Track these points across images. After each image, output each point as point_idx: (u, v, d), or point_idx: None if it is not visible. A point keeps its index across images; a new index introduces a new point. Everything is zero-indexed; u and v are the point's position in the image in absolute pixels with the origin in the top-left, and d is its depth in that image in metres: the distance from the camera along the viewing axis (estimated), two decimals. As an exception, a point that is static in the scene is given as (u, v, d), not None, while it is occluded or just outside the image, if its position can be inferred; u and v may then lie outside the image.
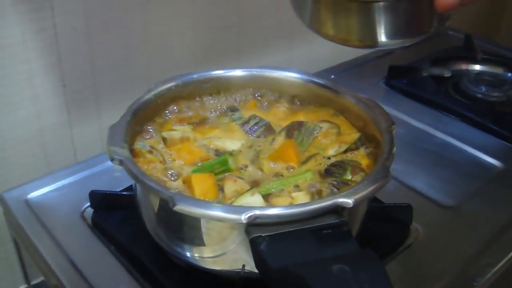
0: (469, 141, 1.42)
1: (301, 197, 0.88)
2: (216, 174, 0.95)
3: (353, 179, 0.95)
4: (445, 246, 1.09)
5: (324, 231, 0.79)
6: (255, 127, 1.09)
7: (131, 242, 1.04)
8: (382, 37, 0.78)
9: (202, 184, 0.90)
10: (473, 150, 1.39)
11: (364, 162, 1.00)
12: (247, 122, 1.11)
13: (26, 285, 1.31)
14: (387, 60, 1.79)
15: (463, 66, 1.80)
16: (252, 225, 0.78)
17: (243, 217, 0.76)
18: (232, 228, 0.82)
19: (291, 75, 1.16)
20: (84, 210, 1.14)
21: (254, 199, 0.87)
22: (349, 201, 0.79)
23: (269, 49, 1.72)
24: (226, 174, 0.95)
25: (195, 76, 1.13)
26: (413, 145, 1.42)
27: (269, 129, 1.09)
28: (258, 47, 1.68)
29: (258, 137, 1.08)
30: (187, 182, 0.92)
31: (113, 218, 1.11)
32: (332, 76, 1.71)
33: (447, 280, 1.01)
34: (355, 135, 1.05)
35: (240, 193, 0.89)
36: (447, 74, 1.70)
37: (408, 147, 1.40)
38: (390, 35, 0.78)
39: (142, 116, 1.03)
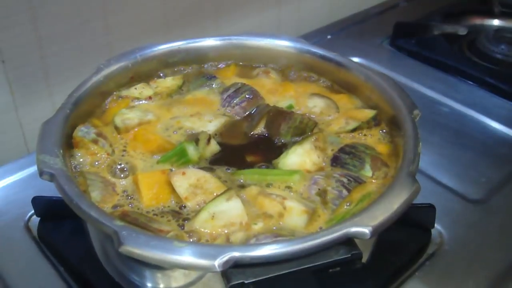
0: (492, 113, 1.22)
1: (297, 210, 0.67)
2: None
3: (374, 176, 0.73)
4: (474, 254, 0.89)
5: (330, 270, 0.58)
6: (235, 97, 0.87)
7: (85, 263, 0.83)
8: None
9: (151, 186, 0.70)
10: (498, 124, 1.19)
11: (381, 148, 0.79)
12: (226, 90, 0.89)
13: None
14: (391, 16, 1.57)
15: (479, 22, 1.57)
16: (232, 267, 0.55)
17: (217, 263, 0.54)
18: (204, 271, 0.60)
19: (281, 44, 0.93)
20: (29, 218, 0.94)
21: (232, 205, 0.66)
22: (365, 230, 0.58)
23: (255, 5, 1.46)
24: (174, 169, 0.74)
25: (158, 48, 0.90)
26: (426, 120, 1.18)
27: (254, 98, 0.87)
28: (240, 4, 1.43)
29: (238, 105, 0.86)
30: (135, 182, 0.72)
31: (63, 230, 0.90)
32: (329, 37, 1.49)
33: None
34: (369, 112, 0.84)
35: (197, 186, 0.68)
36: (462, 32, 1.47)
37: (420, 122, 1.18)
38: None
39: (88, 106, 0.82)
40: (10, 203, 0.97)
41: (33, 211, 0.93)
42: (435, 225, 0.91)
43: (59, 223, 0.90)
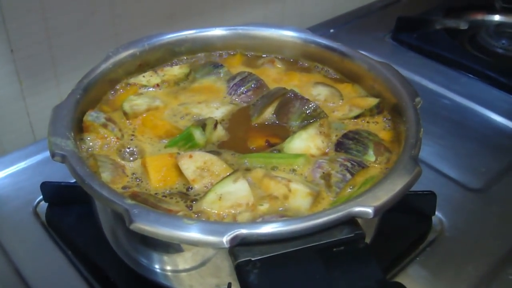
0: (493, 106, 1.24)
1: (301, 192, 0.68)
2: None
3: (377, 161, 0.75)
4: (474, 241, 0.91)
5: (334, 249, 0.59)
6: (241, 86, 0.88)
7: (92, 247, 0.85)
8: None
9: (159, 169, 0.72)
10: (499, 117, 1.21)
11: (383, 135, 0.80)
12: (233, 78, 0.91)
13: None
14: (394, 11, 1.59)
15: (481, 17, 1.59)
16: (239, 245, 0.57)
17: (225, 240, 0.56)
18: (211, 249, 0.61)
19: (287, 34, 0.95)
20: (37, 204, 0.96)
21: (238, 186, 0.68)
22: (368, 210, 0.59)
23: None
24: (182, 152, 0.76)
25: (165, 37, 0.92)
26: (428, 111, 1.20)
27: (260, 88, 0.89)
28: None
29: (244, 94, 0.88)
30: (144, 165, 0.74)
31: (71, 215, 0.92)
32: (332, 30, 1.51)
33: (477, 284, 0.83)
34: (372, 100, 0.86)
35: (203, 169, 0.70)
36: (463, 26, 1.49)
37: (421, 113, 1.20)
38: None
39: (97, 92, 0.83)
40: (18, 189, 0.98)
41: (41, 197, 0.95)
42: (436, 212, 0.93)
43: (67, 208, 0.92)
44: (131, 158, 0.75)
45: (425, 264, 0.86)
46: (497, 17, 1.60)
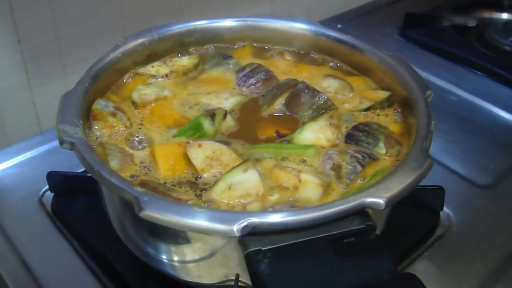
0: (500, 102, 1.24)
1: (312, 183, 0.68)
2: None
3: (388, 154, 0.74)
4: (482, 237, 0.91)
5: (345, 240, 0.59)
6: (251, 77, 0.88)
7: (98, 237, 0.85)
8: None
9: (167, 158, 0.71)
10: (506, 113, 1.21)
11: (394, 128, 0.80)
12: (242, 69, 0.90)
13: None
14: (401, 7, 1.58)
15: (489, 14, 1.58)
16: (249, 234, 0.57)
17: (236, 228, 0.55)
18: (221, 238, 0.61)
19: (297, 26, 0.95)
20: (43, 194, 0.95)
21: (248, 176, 0.67)
22: (380, 201, 0.59)
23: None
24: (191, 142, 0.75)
25: (174, 28, 0.92)
26: (435, 108, 1.20)
27: (269, 80, 0.88)
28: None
29: (253, 85, 0.87)
30: (152, 154, 0.74)
31: (77, 205, 0.92)
32: (339, 26, 1.50)
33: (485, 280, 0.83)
34: (383, 93, 0.85)
35: (212, 159, 0.70)
36: (471, 23, 1.48)
37: (429, 109, 1.20)
38: None
39: (105, 81, 0.83)
40: (24, 179, 0.98)
41: (46, 187, 0.94)
42: (444, 208, 0.92)
43: (73, 198, 0.91)
44: (140, 147, 0.74)
45: (433, 259, 0.85)
46: (505, 15, 1.59)
